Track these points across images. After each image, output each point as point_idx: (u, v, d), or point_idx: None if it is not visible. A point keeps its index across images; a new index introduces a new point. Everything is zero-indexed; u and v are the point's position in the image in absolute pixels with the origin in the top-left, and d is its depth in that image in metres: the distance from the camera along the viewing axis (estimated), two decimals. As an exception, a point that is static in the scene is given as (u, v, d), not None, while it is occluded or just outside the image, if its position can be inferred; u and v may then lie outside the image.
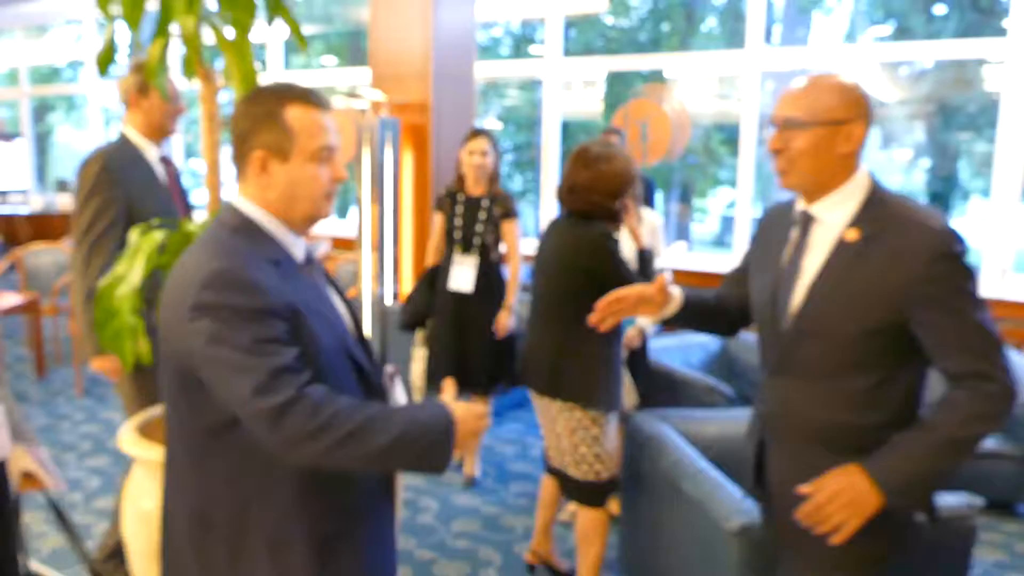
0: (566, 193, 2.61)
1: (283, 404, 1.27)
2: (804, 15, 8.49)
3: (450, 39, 5.26)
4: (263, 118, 1.43)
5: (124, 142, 2.69)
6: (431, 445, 1.36)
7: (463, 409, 1.43)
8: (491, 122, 10.53)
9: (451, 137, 5.36)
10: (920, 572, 2.21)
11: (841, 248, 1.58)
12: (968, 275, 1.51)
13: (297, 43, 2.44)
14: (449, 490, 3.76)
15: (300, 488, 1.40)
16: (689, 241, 9.11)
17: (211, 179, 2.34)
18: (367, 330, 5.12)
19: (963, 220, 10.11)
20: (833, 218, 1.61)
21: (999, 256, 4.85)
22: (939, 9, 8.52)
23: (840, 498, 1.51)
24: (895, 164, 10.33)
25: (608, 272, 2.46)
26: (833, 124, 1.56)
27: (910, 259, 1.50)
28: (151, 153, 2.73)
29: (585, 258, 2.50)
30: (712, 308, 1.92)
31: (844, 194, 1.60)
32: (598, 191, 2.53)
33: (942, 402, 1.52)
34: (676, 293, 1.86)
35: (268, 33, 7.43)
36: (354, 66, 10.12)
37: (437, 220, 3.81)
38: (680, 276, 5.30)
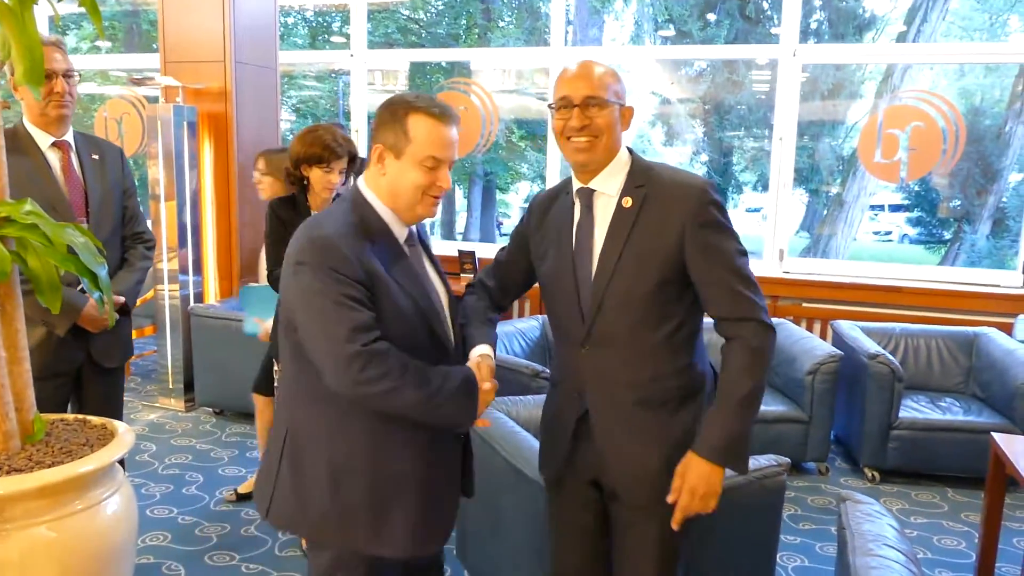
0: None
1: (352, 355, 1.49)
2: (596, 16, 8.93)
3: (250, 23, 4.99)
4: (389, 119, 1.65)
5: (16, 130, 2.53)
6: (458, 407, 1.64)
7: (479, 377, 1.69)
8: (285, 114, 10.13)
9: (254, 127, 5.09)
10: (739, 527, 2.41)
11: (620, 215, 1.75)
12: (727, 219, 1.74)
13: (92, 20, 2.19)
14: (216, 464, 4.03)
15: (370, 425, 1.61)
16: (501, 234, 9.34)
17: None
18: (166, 332, 4.75)
19: (737, 210, 11.12)
20: (610, 189, 1.78)
21: (777, 239, 5.39)
22: (712, 16, 9.25)
23: (698, 491, 1.71)
24: (677, 159, 11.14)
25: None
26: (621, 104, 1.77)
27: (681, 210, 1.70)
28: (43, 141, 2.53)
29: None
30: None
31: (614, 167, 1.78)
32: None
33: (723, 363, 1.73)
34: None
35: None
36: (130, 52, 9.38)
37: None
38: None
